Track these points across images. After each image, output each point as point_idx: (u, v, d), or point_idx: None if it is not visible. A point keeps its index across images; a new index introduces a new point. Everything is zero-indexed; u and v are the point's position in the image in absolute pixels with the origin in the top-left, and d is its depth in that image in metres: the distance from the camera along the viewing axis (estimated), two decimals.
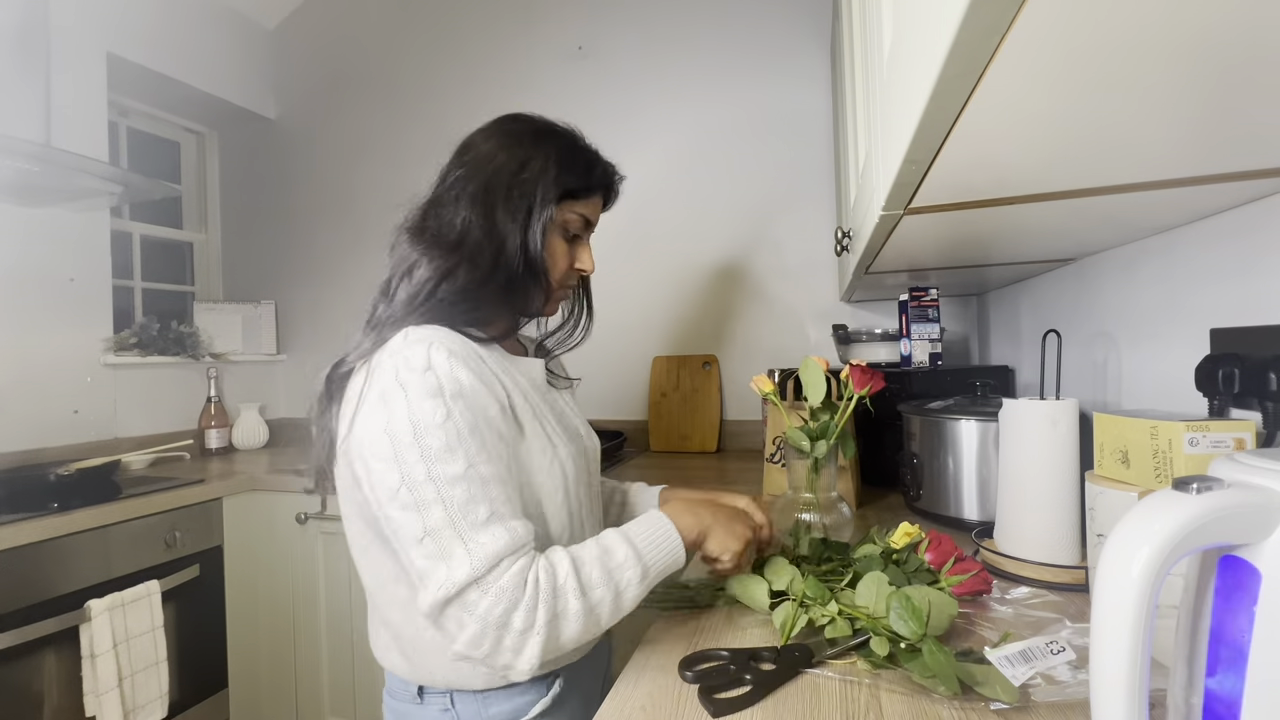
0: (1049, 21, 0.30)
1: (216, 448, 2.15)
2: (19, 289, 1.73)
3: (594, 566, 0.62)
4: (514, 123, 0.77)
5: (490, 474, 0.62)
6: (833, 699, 0.56)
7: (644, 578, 0.64)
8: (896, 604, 0.60)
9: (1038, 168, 0.55)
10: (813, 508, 0.94)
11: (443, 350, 0.63)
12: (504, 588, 0.58)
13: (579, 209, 0.76)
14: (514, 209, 0.71)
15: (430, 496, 0.59)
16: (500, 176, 0.72)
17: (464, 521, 0.59)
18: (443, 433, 0.60)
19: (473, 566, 0.57)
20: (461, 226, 0.71)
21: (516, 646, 0.58)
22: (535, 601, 0.58)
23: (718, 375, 2.01)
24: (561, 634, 0.60)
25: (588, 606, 0.61)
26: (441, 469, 0.59)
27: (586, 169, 0.76)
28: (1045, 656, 0.54)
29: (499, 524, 0.60)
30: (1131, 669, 0.32)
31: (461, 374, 0.63)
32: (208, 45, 2.29)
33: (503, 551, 0.59)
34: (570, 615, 0.60)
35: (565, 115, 0.79)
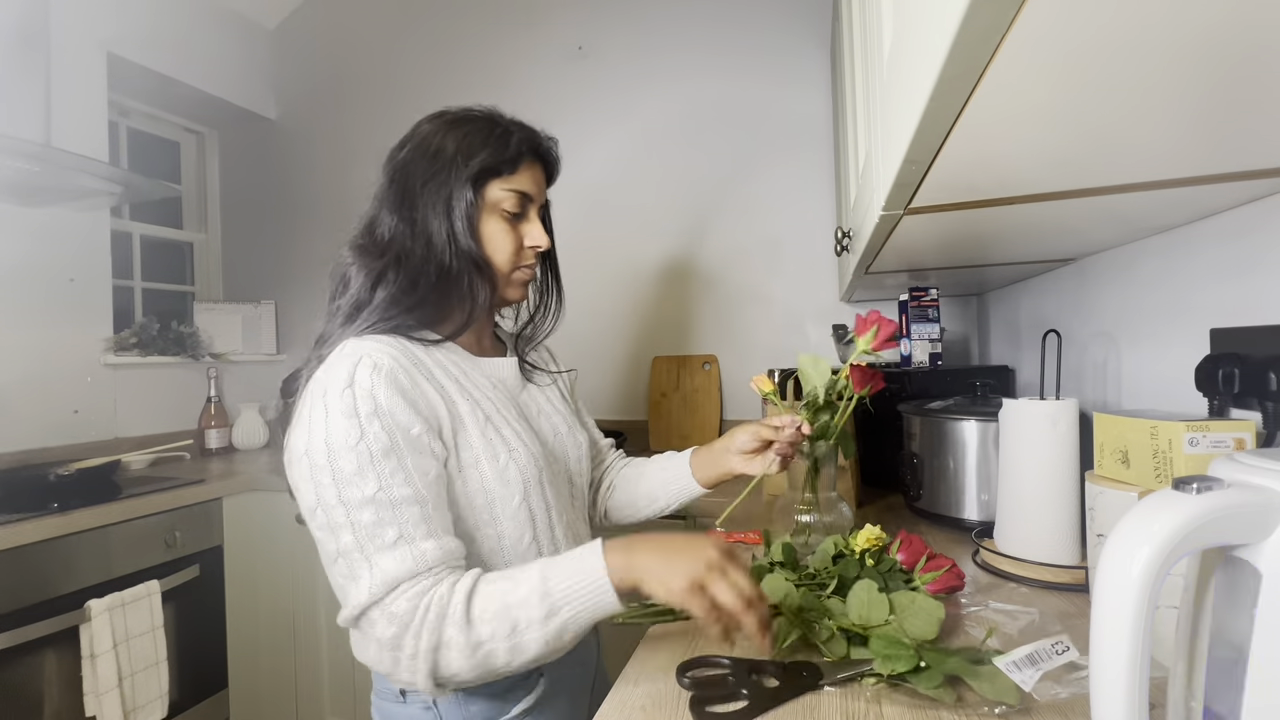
0: (1049, 21, 0.30)
1: (216, 448, 2.15)
2: (19, 289, 1.73)
3: (491, 599, 0.59)
4: (429, 119, 0.77)
5: (404, 495, 0.61)
6: (833, 707, 0.56)
7: (549, 617, 0.58)
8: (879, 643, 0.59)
9: (1038, 167, 0.55)
10: (813, 508, 0.94)
11: (368, 366, 0.63)
12: (394, 613, 0.59)
13: (509, 185, 0.74)
14: (432, 201, 0.71)
15: (341, 519, 0.60)
16: (414, 173, 0.72)
17: (371, 544, 0.60)
18: (354, 455, 0.60)
19: (371, 591, 0.59)
20: (389, 233, 0.72)
21: (411, 668, 0.59)
22: (421, 628, 0.58)
23: (718, 375, 2.01)
24: (445, 663, 0.59)
25: (474, 641, 0.58)
26: (351, 492, 0.60)
27: (502, 142, 0.73)
28: (1051, 657, 0.54)
29: (406, 546, 0.60)
30: (1131, 669, 0.32)
31: (381, 392, 0.62)
32: (208, 45, 2.29)
33: (402, 576, 0.59)
34: (453, 646, 0.58)
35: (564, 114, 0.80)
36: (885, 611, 0.64)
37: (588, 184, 2.07)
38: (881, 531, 0.84)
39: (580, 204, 2.04)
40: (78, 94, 1.85)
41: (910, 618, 0.63)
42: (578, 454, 0.84)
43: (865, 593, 0.66)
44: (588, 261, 2.05)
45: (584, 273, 2.00)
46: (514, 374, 0.81)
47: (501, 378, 0.79)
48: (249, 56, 2.46)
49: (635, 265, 2.09)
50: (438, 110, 0.78)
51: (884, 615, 0.64)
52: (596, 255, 2.09)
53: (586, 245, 2.03)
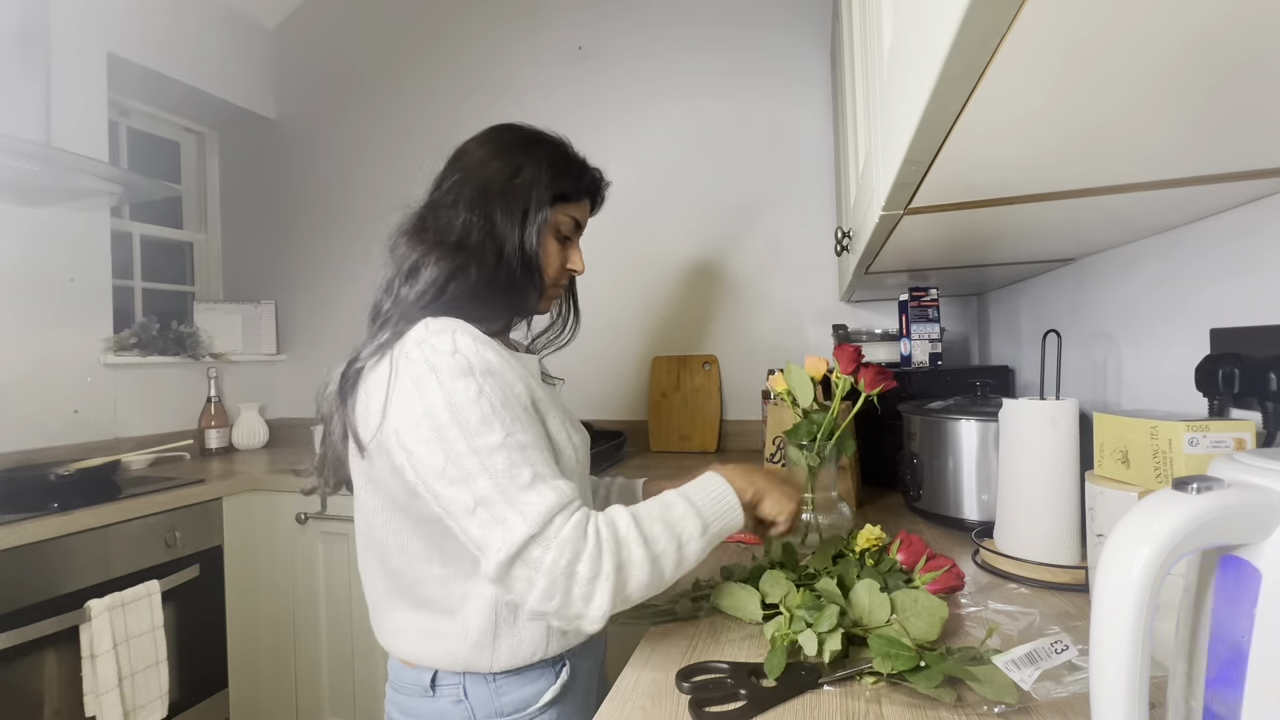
0: (1049, 22, 0.30)
1: (216, 448, 2.15)
2: (19, 289, 1.73)
3: (654, 521, 0.64)
4: (507, 132, 0.81)
5: (528, 440, 0.64)
6: (833, 707, 0.56)
7: (704, 532, 0.66)
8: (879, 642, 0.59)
9: (1038, 168, 0.55)
10: (812, 507, 0.94)
11: (467, 334, 0.66)
12: (565, 539, 0.60)
13: (570, 212, 0.80)
14: (511, 211, 0.75)
15: (475, 468, 0.61)
16: (496, 181, 0.75)
17: (511, 486, 0.61)
18: (477, 408, 0.62)
19: (528, 525, 0.59)
20: (462, 228, 0.74)
21: (586, 595, 0.59)
22: (599, 550, 0.60)
23: (718, 375, 2.01)
24: (629, 582, 0.61)
25: (652, 555, 0.62)
26: (481, 440, 0.62)
27: (577, 174, 0.80)
28: (1050, 656, 0.54)
29: (544, 484, 0.62)
30: (1131, 669, 0.32)
31: (488, 354, 0.66)
32: (208, 45, 2.29)
33: (554, 508, 0.61)
34: (635, 564, 0.61)
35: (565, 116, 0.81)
36: (887, 611, 0.64)
37: None
38: (881, 532, 0.84)
39: None
40: (78, 94, 1.85)
41: (913, 618, 0.63)
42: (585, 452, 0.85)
43: (867, 593, 0.66)
44: (587, 261, 2.04)
45: (584, 273, 2.00)
46: (539, 372, 0.85)
47: (535, 373, 0.82)
48: (249, 56, 2.46)
49: (635, 265, 2.09)
50: (509, 123, 0.83)
51: (886, 615, 0.64)
52: (596, 255, 2.08)
53: (586, 245, 2.03)
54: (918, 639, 0.61)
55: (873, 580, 0.68)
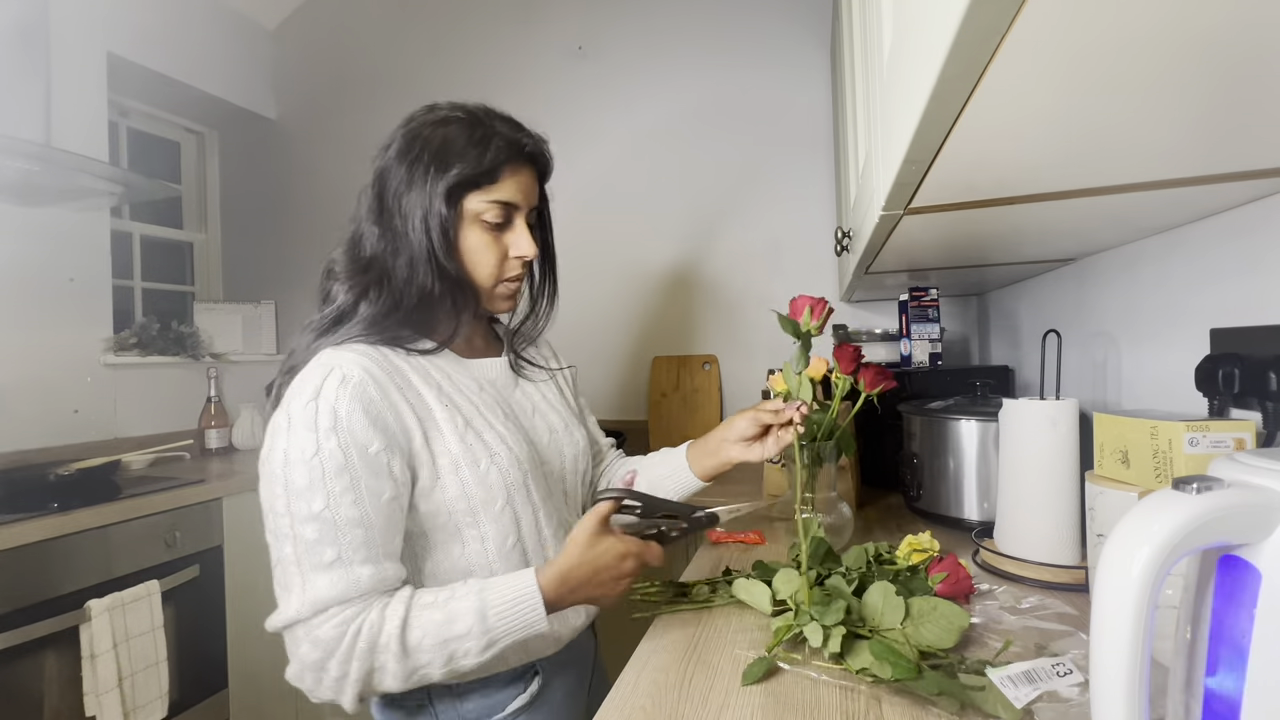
0: (1049, 21, 0.30)
1: (216, 448, 2.15)
2: (19, 289, 1.73)
3: (428, 633, 0.60)
4: (407, 123, 0.73)
5: (350, 517, 0.61)
6: (832, 706, 0.56)
7: (487, 648, 0.62)
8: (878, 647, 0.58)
9: (1038, 168, 0.55)
10: (812, 507, 0.94)
11: (336, 379, 0.62)
12: (319, 638, 0.59)
13: (490, 196, 0.70)
14: (408, 217, 0.68)
15: (285, 529, 0.61)
16: (391, 185, 0.70)
17: (308, 561, 0.60)
18: (307, 469, 0.60)
19: (299, 609, 0.60)
20: (369, 247, 0.70)
21: (336, 689, 0.60)
22: (350, 654, 0.59)
23: (718, 375, 2.01)
24: (380, 685, 0.61)
25: (410, 668, 0.61)
26: (299, 505, 0.60)
27: (479, 153, 0.69)
28: (1050, 678, 0.54)
29: (341, 569, 0.60)
30: (1131, 669, 0.32)
31: (344, 406, 0.61)
32: (208, 45, 2.29)
33: (332, 600, 0.59)
34: (388, 672, 0.60)
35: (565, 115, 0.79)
36: (899, 616, 0.63)
37: (587, 184, 2.07)
38: (932, 539, 0.83)
39: (579, 203, 2.04)
40: (78, 94, 1.85)
41: (928, 624, 0.62)
42: (574, 452, 0.83)
43: (880, 595, 0.65)
44: (587, 261, 2.05)
45: (583, 272, 2.01)
46: (505, 373, 0.81)
47: (490, 378, 0.78)
48: (249, 56, 2.46)
49: (635, 265, 2.09)
50: (426, 105, 0.75)
51: (898, 619, 0.63)
52: (596, 255, 2.09)
53: (586, 245, 2.03)
54: (931, 646, 0.60)
55: (887, 583, 0.67)
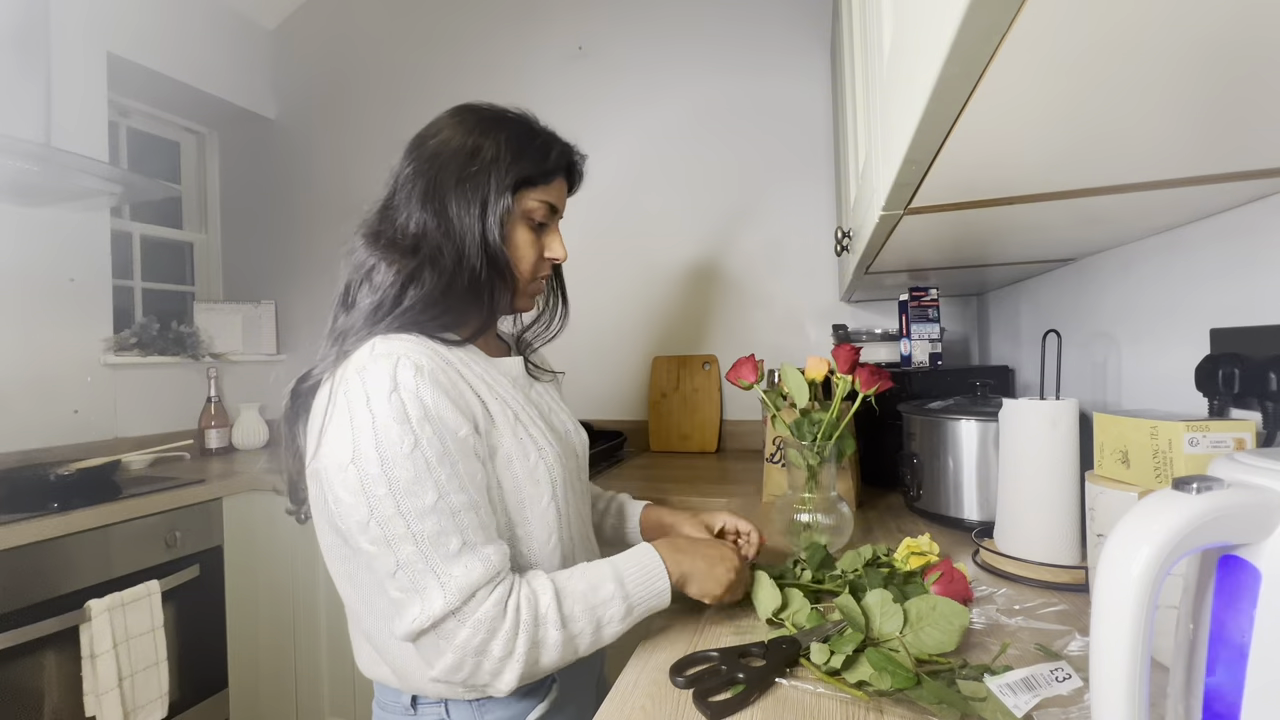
0: (1049, 21, 0.30)
1: (216, 448, 2.15)
2: (19, 289, 1.73)
3: (578, 600, 0.62)
4: (462, 113, 0.73)
5: (461, 502, 0.60)
6: (833, 711, 0.55)
7: (627, 615, 0.64)
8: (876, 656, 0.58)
9: (1038, 168, 0.55)
10: (812, 507, 0.94)
11: (409, 367, 0.61)
12: (481, 619, 0.58)
13: (540, 196, 0.73)
14: (467, 203, 0.68)
15: (400, 532, 0.58)
16: (449, 170, 0.69)
17: (436, 555, 0.58)
18: (410, 463, 0.58)
19: (446, 600, 0.57)
20: (416, 228, 0.68)
21: (495, 670, 0.59)
22: (515, 629, 0.59)
23: (718, 375, 2.01)
24: (540, 660, 0.61)
25: (567, 637, 0.61)
26: (410, 503, 0.58)
27: (542, 153, 0.72)
28: (1050, 684, 0.53)
29: (471, 554, 0.59)
30: (1131, 669, 0.32)
31: (428, 394, 0.60)
32: (208, 45, 2.29)
33: (477, 582, 0.59)
34: (549, 644, 0.60)
35: (565, 115, 0.79)
36: (899, 624, 0.63)
37: (586, 184, 2.06)
38: (931, 542, 0.83)
39: (579, 204, 2.03)
40: (78, 94, 1.85)
41: (929, 627, 0.62)
42: (583, 451, 0.84)
43: (879, 603, 0.65)
44: (586, 261, 2.04)
45: (583, 273, 2.00)
46: (523, 373, 0.81)
47: (514, 377, 0.78)
48: (249, 56, 2.46)
49: (635, 265, 2.09)
50: (467, 103, 0.75)
51: (897, 628, 0.63)
52: (596, 255, 2.09)
53: (585, 245, 2.03)
54: (933, 650, 0.60)
55: (885, 591, 0.66)
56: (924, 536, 0.86)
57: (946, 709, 0.52)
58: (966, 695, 0.53)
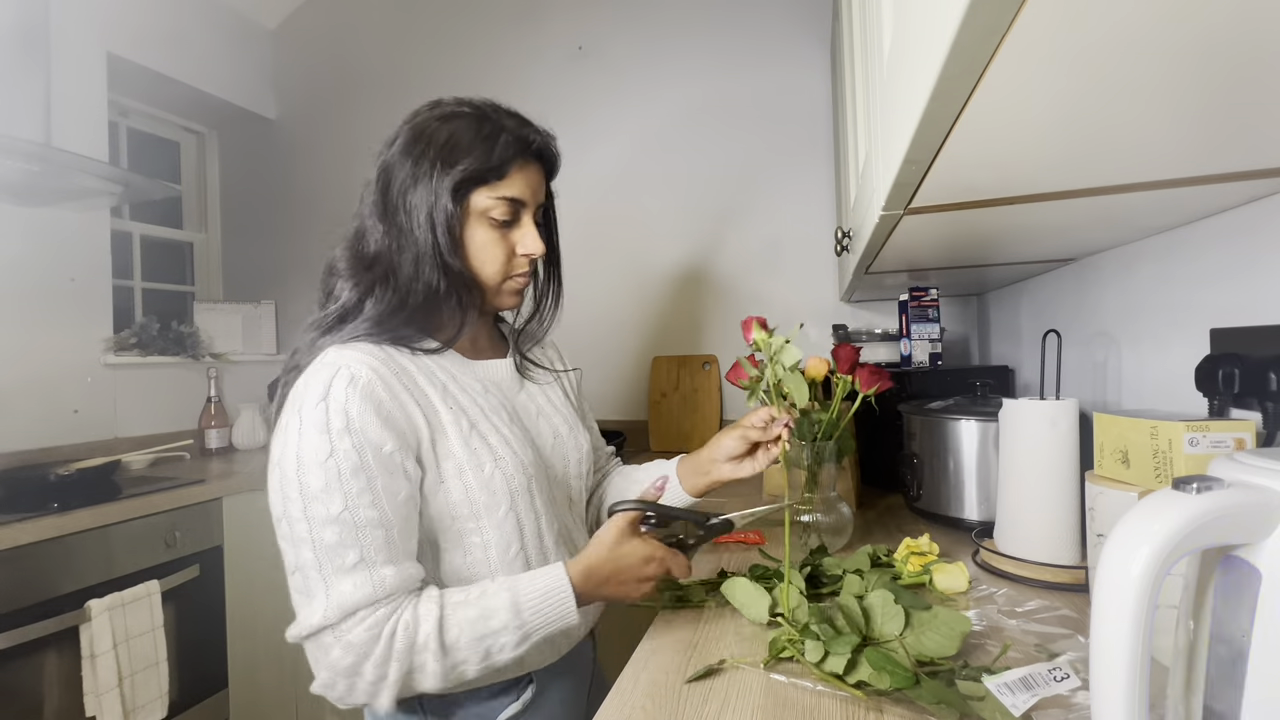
0: (1049, 21, 0.30)
1: (216, 448, 2.15)
2: (19, 289, 1.73)
3: (464, 630, 0.61)
4: (413, 118, 0.72)
5: (368, 518, 0.60)
6: (832, 711, 0.55)
7: (522, 641, 0.63)
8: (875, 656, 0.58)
9: (1038, 168, 0.55)
10: (812, 507, 0.94)
11: (344, 379, 0.61)
12: (352, 642, 0.58)
13: (495, 193, 0.69)
14: (413, 213, 0.67)
15: (303, 534, 0.60)
16: (396, 181, 0.68)
17: (329, 565, 0.59)
18: (322, 471, 0.59)
19: (325, 614, 0.58)
20: (374, 244, 0.69)
21: (370, 692, 0.59)
22: (388, 656, 0.59)
23: (718, 375, 2.01)
24: (419, 685, 0.61)
25: (449, 665, 0.60)
26: (316, 509, 0.59)
27: (487, 147, 0.68)
28: (1048, 684, 0.53)
29: (365, 571, 0.59)
30: (1131, 669, 0.32)
31: (355, 407, 0.61)
32: (208, 45, 2.29)
33: (360, 603, 0.59)
34: (427, 672, 0.60)
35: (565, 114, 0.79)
36: (900, 625, 0.63)
37: (587, 184, 2.07)
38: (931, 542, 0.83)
39: (579, 203, 2.04)
40: (78, 94, 1.85)
41: (930, 631, 0.62)
42: (578, 456, 0.81)
43: (881, 604, 0.65)
44: (587, 261, 2.05)
45: (583, 272, 2.00)
46: (510, 375, 0.79)
47: (496, 380, 0.77)
48: (249, 56, 2.46)
49: (635, 265, 2.09)
50: (431, 101, 0.74)
51: (898, 629, 0.63)
52: (596, 255, 2.09)
53: (586, 245, 2.03)
54: (933, 654, 0.60)
55: (887, 591, 0.66)
56: (924, 537, 0.86)
57: (945, 709, 0.52)
58: (965, 695, 0.53)
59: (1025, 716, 0.51)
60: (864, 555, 0.83)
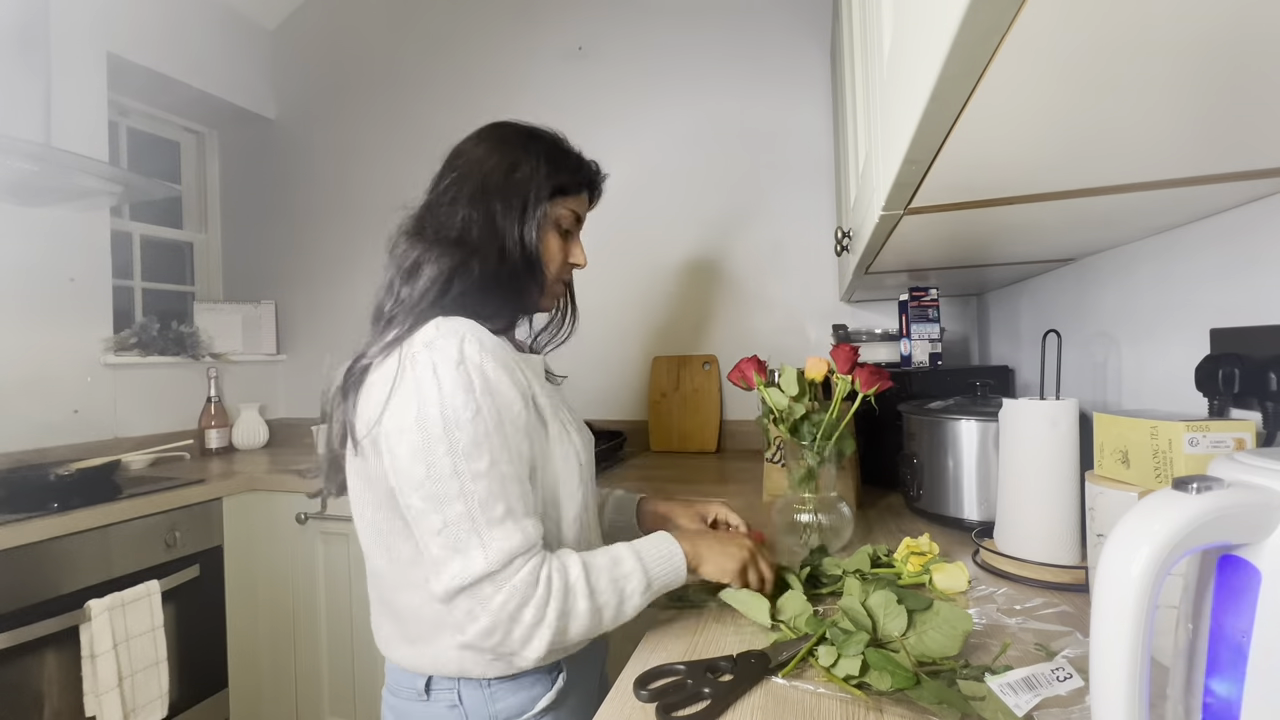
0: (1049, 22, 0.30)
1: (216, 448, 2.15)
2: (19, 289, 1.73)
3: (603, 573, 0.66)
4: (502, 129, 0.80)
5: (510, 472, 0.64)
6: (832, 711, 0.55)
7: (647, 589, 0.68)
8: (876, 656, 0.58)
9: (1038, 168, 0.55)
10: (812, 507, 0.94)
11: (475, 343, 0.66)
12: (516, 585, 0.61)
13: (569, 205, 0.79)
14: (510, 206, 0.74)
15: (454, 491, 0.62)
16: (494, 176, 0.75)
17: (482, 517, 0.62)
18: (471, 428, 0.62)
19: (488, 561, 0.61)
20: (462, 225, 0.74)
21: (525, 638, 0.62)
22: (547, 598, 0.62)
23: (718, 375, 2.01)
24: (569, 629, 0.64)
25: (594, 607, 0.65)
26: (467, 465, 0.62)
27: (574, 167, 0.79)
28: (1050, 684, 0.53)
29: (513, 522, 0.63)
30: (1131, 669, 0.32)
31: (490, 369, 0.65)
32: (208, 45, 2.29)
33: (516, 550, 0.62)
34: (578, 614, 0.64)
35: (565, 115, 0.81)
36: (902, 625, 0.63)
37: None
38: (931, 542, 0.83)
39: None
40: (78, 94, 1.85)
41: (932, 631, 0.62)
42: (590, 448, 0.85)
43: (883, 604, 0.65)
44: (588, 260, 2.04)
45: (583, 273, 2.00)
46: (544, 371, 0.85)
47: (539, 372, 0.81)
48: (249, 56, 2.46)
49: (635, 264, 2.09)
50: (503, 120, 0.82)
51: (901, 627, 0.63)
52: (596, 254, 2.08)
53: (586, 244, 2.03)
54: (935, 654, 0.60)
55: (889, 593, 0.67)
56: (924, 537, 0.86)
57: (946, 709, 0.52)
58: (967, 695, 0.53)
59: (1026, 716, 0.51)
60: (864, 555, 0.83)
